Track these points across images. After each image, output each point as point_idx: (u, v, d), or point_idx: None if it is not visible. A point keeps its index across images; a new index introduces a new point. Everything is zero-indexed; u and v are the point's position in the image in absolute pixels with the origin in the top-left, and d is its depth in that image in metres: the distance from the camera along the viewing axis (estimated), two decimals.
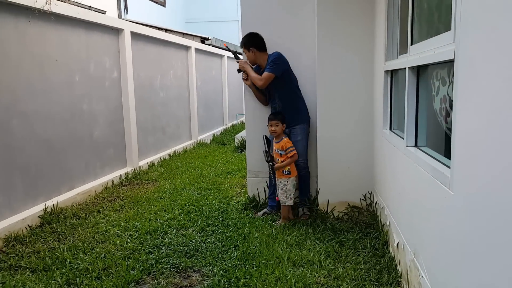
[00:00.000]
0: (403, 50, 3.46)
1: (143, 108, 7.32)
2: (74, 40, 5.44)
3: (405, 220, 2.88)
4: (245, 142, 8.94)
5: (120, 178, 6.34)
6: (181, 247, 3.87)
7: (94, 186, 5.70)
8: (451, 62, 1.97)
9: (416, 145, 2.78)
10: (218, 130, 11.79)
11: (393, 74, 3.64)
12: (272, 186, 4.64)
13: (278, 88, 4.48)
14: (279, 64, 4.35)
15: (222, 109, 12.55)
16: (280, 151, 4.28)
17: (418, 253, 2.53)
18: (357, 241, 3.84)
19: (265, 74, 4.38)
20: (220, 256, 3.69)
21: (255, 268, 3.38)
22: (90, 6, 6.21)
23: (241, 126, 13.14)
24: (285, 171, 4.30)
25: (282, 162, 4.28)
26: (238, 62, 4.68)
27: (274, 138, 4.36)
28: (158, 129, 8.06)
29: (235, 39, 17.47)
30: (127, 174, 6.55)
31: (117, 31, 6.51)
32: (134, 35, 6.93)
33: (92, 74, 5.83)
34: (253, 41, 4.47)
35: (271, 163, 4.32)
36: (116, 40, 6.51)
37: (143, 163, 7.22)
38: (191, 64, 9.70)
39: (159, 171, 6.99)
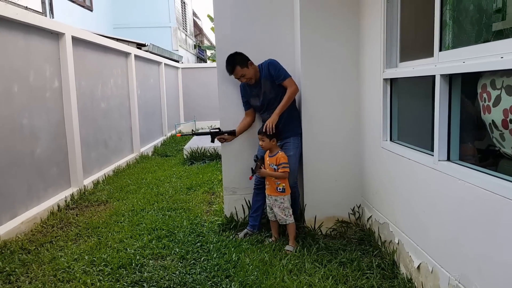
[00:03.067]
0: (406, 57, 3.29)
1: (85, 121, 6.59)
2: (11, 44, 4.69)
3: (439, 242, 2.65)
4: (195, 153, 8.51)
5: (65, 201, 5.61)
6: (166, 282, 3.37)
7: (39, 212, 4.95)
8: None
9: (448, 159, 2.57)
10: (158, 141, 11.14)
11: (392, 82, 3.44)
12: (257, 203, 4.26)
13: (278, 95, 4.10)
14: (283, 68, 4.08)
15: (161, 119, 11.90)
16: (274, 166, 3.92)
17: (469, 280, 2.30)
18: (359, 260, 3.58)
19: (288, 81, 4.04)
20: None
21: None
22: (26, 7, 5.44)
23: (181, 136, 12.55)
24: (280, 189, 3.92)
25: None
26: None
27: (268, 152, 4.00)
28: (101, 143, 7.33)
29: (168, 45, 16.84)
30: (72, 195, 5.81)
31: (57, 36, 5.78)
32: (74, 40, 6.22)
33: (32, 83, 5.08)
34: (245, 57, 4.11)
35: (257, 170, 3.94)
36: (56, 45, 5.78)
37: (88, 181, 6.49)
38: (131, 72, 9.03)
39: (107, 190, 6.30)
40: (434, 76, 2.58)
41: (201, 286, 3.29)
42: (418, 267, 2.96)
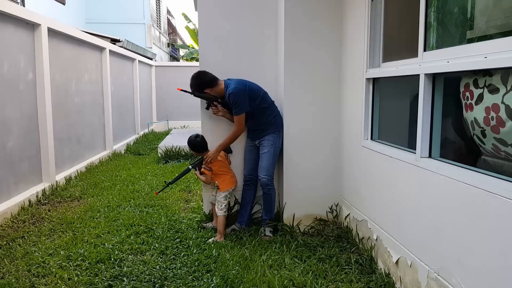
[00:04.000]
0: (389, 58, 3.38)
1: (58, 115, 6.44)
2: None
3: (419, 236, 2.73)
4: (169, 152, 8.44)
5: (37, 196, 5.46)
6: (146, 276, 3.34)
7: (9, 207, 4.81)
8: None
9: (430, 156, 2.66)
10: (131, 139, 10.98)
11: (375, 82, 3.53)
12: (245, 199, 4.35)
13: (251, 108, 4.10)
14: (242, 102, 3.98)
15: (134, 117, 11.74)
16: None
17: (449, 272, 2.38)
18: (337, 257, 3.64)
19: (236, 118, 4.05)
20: (195, 284, 3.24)
21: None
22: None
23: (154, 135, 12.44)
24: (216, 185, 4.30)
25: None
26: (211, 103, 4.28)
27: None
28: (74, 139, 7.18)
29: (141, 42, 16.64)
30: (44, 191, 5.67)
31: (32, 26, 5.63)
32: (50, 32, 6.08)
33: (5, 75, 4.93)
34: (202, 83, 4.06)
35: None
36: (32, 36, 5.64)
37: (60, 177, 6.34)
38: (106, 67, 8.88)
39: (80, 186, 6.18)
40: (418, 76, 2.66)
41: (182, 281, 3.27)
42: (397, 261, 3.03)
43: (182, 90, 4.27)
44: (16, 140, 5.15)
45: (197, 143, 4.23)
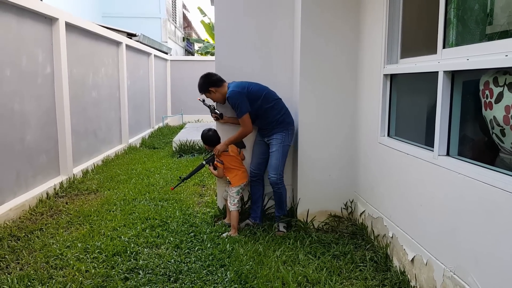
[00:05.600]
0: (407, 54, 3.35)
1: (76, 109, 6.52)
2: (4, 28, 4.61)
3: (436, 235, 2.71)
4: (184, 146, 8.48)
5: (54, 189, 5.54)
6: (161, 270, 3.38)
7: (27, 199, 4.89)
8: None
9: (448, 154, 2.63)
10: (146, 133, 11.07)
11: (392, 78, 3.50)
12: (255, 195, 4.37)
13: (254, 109, 4.15)
14: (241, 104, 4.02)
15: (149, 111, 11.82)
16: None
17: (465, 271, 2.36)
18: (352, 254, 3.64)
19: (240, 121, 4.10)
20: (210, 278, 3.26)
21: None
22: None
23: (168, 129, 12.51)
24: (227, 181, 4.31)
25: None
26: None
27: None
28: (90, 132, 7.26)
29: (157, 36, 16.72)
30: (61, 183, 5.75)
31: (50, 21, 5.70)
32: (68, 26, 6.14)
33: (24, 69, 5.00)
34: (209, 82, 4.18)
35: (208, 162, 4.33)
36: (50, 30, 5.70)
37: (77, 170, 6.43)
38: (122, 61, 8.95)
39: (97, 179, 6.26)
40: (437, 73, 2.63)
41: (196, 275, 3.30)
42: (412, 259, 3.02)
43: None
44: (34, 133, 5.23)
45: (209, 137, 4.29)
